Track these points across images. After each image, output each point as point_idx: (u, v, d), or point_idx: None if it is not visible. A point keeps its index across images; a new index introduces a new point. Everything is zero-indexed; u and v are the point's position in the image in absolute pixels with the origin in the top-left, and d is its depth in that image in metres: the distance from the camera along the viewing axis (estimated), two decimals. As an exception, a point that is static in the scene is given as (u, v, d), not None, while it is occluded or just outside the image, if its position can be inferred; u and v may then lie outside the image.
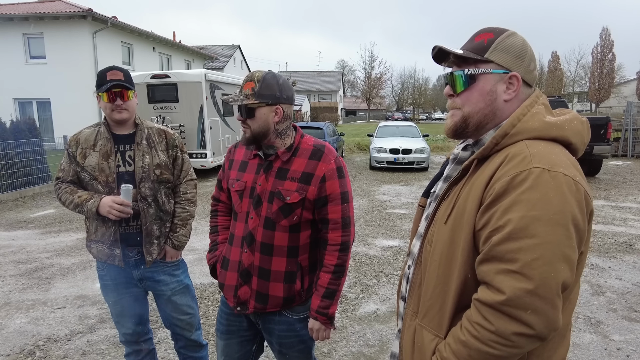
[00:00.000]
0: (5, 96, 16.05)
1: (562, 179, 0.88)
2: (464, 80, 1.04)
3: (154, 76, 10.23)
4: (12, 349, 3.01)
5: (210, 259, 1.78)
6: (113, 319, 2.18)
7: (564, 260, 0.85)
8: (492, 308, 0.87)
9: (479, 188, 0.95)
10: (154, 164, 2.03)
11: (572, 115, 1.03)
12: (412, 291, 1.11)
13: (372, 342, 3.05)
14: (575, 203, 0.88)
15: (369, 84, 47.10)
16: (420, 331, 1.05)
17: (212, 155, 10.51)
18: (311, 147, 1.59)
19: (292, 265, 1.57)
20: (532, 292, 0.83)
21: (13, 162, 8.67)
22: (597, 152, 9.35)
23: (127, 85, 1.94)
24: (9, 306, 3.71)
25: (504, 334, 0.86)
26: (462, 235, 0.96)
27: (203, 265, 4.62)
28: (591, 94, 38.05)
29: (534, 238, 0.84)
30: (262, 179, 1.56)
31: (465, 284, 0.96)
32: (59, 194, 2.04)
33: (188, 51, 23.67)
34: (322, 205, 1.54)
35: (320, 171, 1.53)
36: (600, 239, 5.41)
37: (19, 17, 15.70)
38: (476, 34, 1.07)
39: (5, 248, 5.42)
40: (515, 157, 0.92)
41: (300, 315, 1.65)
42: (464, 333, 0.92)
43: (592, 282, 4.06)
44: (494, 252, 0.88)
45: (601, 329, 3.18)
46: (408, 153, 11.33)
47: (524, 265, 0.84)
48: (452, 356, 0.93)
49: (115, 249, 1.99)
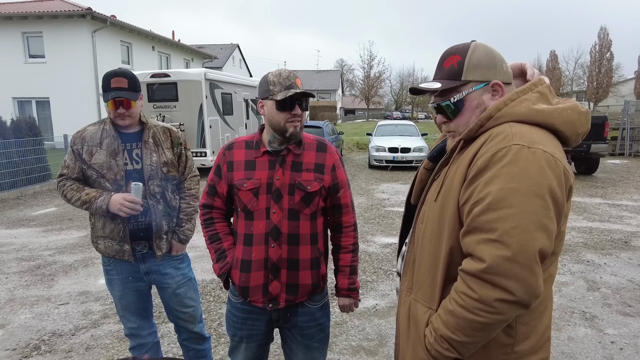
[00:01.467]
0: (5, 95, 16.05)
1: (541, 155, 0.93)
2: (453, 109, 1.09)
3: (154, 75, 10.27)
4: (17, 344, 3.06)
5: (222, 268, 1.68)
6: (118, 313, 2.22)
7: (542, 229, 0.89)
8: (474, 277, 0.91)
9: (464, 166, 1.01)
10: (161, 161, 2.07)
11: (568, 105, 1.06)
12: (406, 268, 1.16)
13: (372, 336, 3.11)
14: (554, 177, 0.92)
15: (367, 83, 47.12)
16: (415, 305, 1.10)
17: (211, 154, 10.55)
18: (314, 141, 1.70)
19: (315, 252, 1.66)
20: (510, 258, 0.87)
21: (14, 161, 8.71)
22: (594, 151, 9.43)
23: (130, 95, 1.96)
24: (13, 302, 3.76)
25: (487, 300, 0.90)
26: (449, 211, 1.01)
27: (204, 262, 4.67)
28: (589, 93, 38.13)
29: (512, 208, 0.89)
30: (279, 173, 1.60)
31: (451, 256, 1.01)
32: (63, 191, 2.05)
33: (187, 50, 23.68)
34: (335, 192, 1.68)
35: (329, 161, 1.66)
36: (596, 236, 5.48)
37: (18, 16, 15.70)
38: (443, 60, 1.11)
39: (7, 245, 5.46)
40: (498, 135, 0.97)
41: (319, 303, 1.73)
42: (451, 303, 0.97)
43: (587, 278, 4.13)
44: (475, 223, 0.93)
45: (596, 323, 3.24)
46: (407, 152, 11.40)
47: (502, 234, 0.88)
48: (442, 326, 0.98)
49: (125, 244, 2.03)
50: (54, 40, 15.92)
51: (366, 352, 2.91)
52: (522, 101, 1.03)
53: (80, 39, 15.85)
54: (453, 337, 0.96)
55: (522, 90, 1.05)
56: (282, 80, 1.55)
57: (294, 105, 1.55)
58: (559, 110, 1.04)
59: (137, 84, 2.01)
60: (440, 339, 0.99)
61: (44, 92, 16.10)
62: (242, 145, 1.68)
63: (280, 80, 1.54)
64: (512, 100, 1.03)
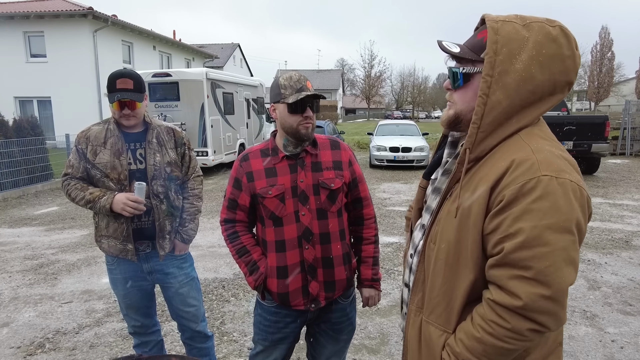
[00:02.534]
0: (6, 94, 16.09)
1: (569, 186, 0.91)
2: (460, 78, 1.03)
3: (156, 75, 10.30)
4: (22, 341, 3.09)
5: (257, 280, 1.67)
6: (122, 312, 2.24)
7: (571, 264, 0.91)
8: (508, 309, 0.93)
9: (484, 192, 0.96)
10: (164, 162, 2.08)
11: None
12: (415, 287, 1.14)
13: (373, 334, 3.13)
14: (580, 208, 0.92)
15: (368, 83, 47.14)
16: (427, 327, 1.09)
17: (213, 153, 10.58)
18: (326, 140, 1.74)
19: (345, 247, 1.71)
20: (547, 297, 0.89)
21: (16, 160, 8.74)
22: (595, 151, 9.41)
23: (136, 96, 1.97)
24: (17, 300, 3.78)
25: (520, 331, 0.92)
26: (470, 237, 0.99)
27: (206, 260, 4.69)
28: (590, 92, 38.08)
29: (545, 246, 0.89)
30: (302, 176, 1.63)
31: (474, 284, 1.01)
32: (67, 190, 2.07)
33: (188, 50, 23.70)
34: (354, 186, 1.74)
35: (345, 157, 1.73)
36: (597, 235, 5.49)
37: (20, 15, 15.73)
38: (481, 29, 1.03)
39: (11, 244, 5.49)
40: (522, 163, 0.93)
41: (349, 299, 1.80)
42: (477, 330, 0.97)
43: (588, 277, 4.14)
44: (507, 259, 0.92)
45: (596, 322, 3.26)
46: (408, 151, 11.40)
47: (537, 273, 0.89)
48: (465, 351, 0.98)
49: (128, 244, 2.04)
50: (56, 39, 15.96)
51: (368, 351, 2.93)
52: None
53: (82, 38, 15.88)
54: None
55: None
56: (293, 83, 1.57)
57: (305, 107, 1.58)
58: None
59: (142, 85, 2.02)
60: None
61: (46, 91, 16.13)
62: (257, 155, 1.69)
63: (291, 84, 1.57)
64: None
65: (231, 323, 3.32)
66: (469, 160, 1.01)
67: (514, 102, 0.96)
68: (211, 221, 6.35)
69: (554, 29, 0.95)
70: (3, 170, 8.51)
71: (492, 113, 0.97)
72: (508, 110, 0.97)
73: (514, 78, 0.94)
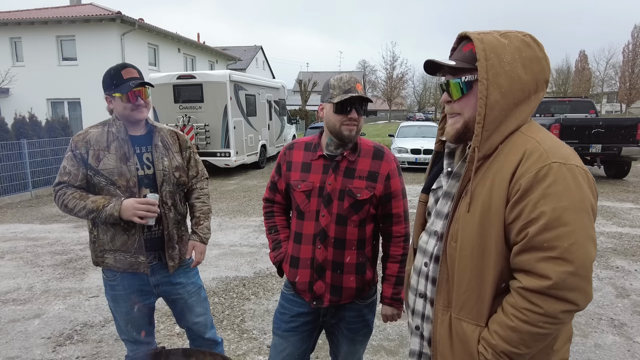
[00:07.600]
0: (40, 97, 16.74)
1: (576, 171, 0.99)
2: (461, 87, 1.11)
3: (180, 77, 10.52)
4: (52, 332, 3.21)
5: (277, 257, 1.79)
6: (118, 329, 2.04)
7: (592, 241, 0.97)
8: (539, 293, 0.96)
9: (503, 185, 1.02)
10: (172, 166, 1.96)
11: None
12: (440, 287, 1.16)
13: (392, 336, 3.12)
14: (589, 190, 1.00)
15: (390, 84, 46.90)
16: (458, 323, 1.10)
17: (235, 154, 10.73)
18: (372, 147, 1.70)
19: (362, 257, 1.68)
20: (574, 273, 0.94)
21: (48, 159, 9.09)
22: (625, 154, 9.09)
23: (149, 82, 1.86)
24: (48, 293, 3.94)
25: (553, 313, 0.96)
26: (493, 230, 1.03)
27: (228, 259, 4.77)
28: (621, 94, 36.77)
29: (567, 226, 0.95)
30: (331, 179, 1.64)
31: (501, 274, 1.04)
32: (63, 201, 1.83)
33: (212, 52, 24.10)
34: (387, 201, 1.68)
35: (384, 170, 1.67)
36: (627, 241, 5.31)
37: (53, 20, 16.36)
38: (464, 44, 1.13)
39: (42, 240, 5.72)
40: (533, 154, 1.01)
41: (368, 301, 1.78)
42: (512, 319, 0.99)
43: (616, 284, 4.01)
44: (532, 242, 0.97)
45: (625, 331, 3.16)
46: (429, 153, 11.29)
47: (563, 251, 0.94)
48: (501, 342, 1.01)
49: (140, 256, 1.89)
50: (86, 43, 16.50)
51: (387, 352, 2.92)
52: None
53: (110, 41, 16.37)
54: (514, 351, 1.00)
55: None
56: (342, 84, 1.59)
57: (350, 108, 1.58)
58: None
59: (142, 75, 1.93)
60: (501, 354, 1.02)
61: (76, 93, 16.69)
62: (301, 147, 1.74)
63: (340, 84, 1.59)
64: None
65: (251, 321, 3.37)
66: (477, 159, 1.07)
67: (509, 100, 1.06)
68: (233, 220, 6.36)
69: (525, 37, 1.08)
70: (35, 168, 8.87)
71: (493, 112, 1.05)
72: (505, 108, 1.06)
73: (505, 79, 1.04)
